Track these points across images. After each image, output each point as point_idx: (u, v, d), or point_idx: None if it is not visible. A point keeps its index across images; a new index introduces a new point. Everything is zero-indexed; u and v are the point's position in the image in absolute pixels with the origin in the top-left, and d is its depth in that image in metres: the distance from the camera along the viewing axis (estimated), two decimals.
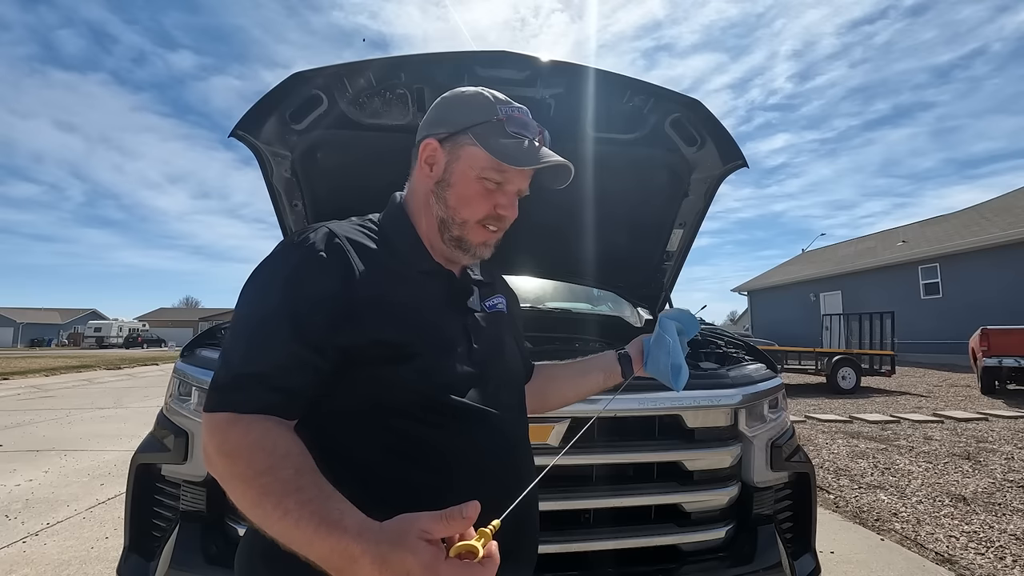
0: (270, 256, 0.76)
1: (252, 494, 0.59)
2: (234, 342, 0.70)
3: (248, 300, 0.73)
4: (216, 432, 0.64)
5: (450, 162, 0.82)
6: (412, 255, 0.82)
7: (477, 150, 0.80)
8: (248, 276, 0.75)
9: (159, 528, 1.63)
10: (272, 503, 0.57)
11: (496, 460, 0.77)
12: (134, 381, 13.70)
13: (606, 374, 1.10)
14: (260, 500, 0.58)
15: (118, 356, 28.23)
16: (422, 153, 0.84)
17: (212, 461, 0.64)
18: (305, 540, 0.55)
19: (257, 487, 0.59)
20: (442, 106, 0.86)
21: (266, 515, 0.57)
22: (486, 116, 0.81)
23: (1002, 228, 15.54)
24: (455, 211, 0.82)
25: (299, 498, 0.57)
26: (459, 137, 0.81)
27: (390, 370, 0.72)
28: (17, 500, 3.82)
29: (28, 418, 7.51)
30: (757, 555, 1.62)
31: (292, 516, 0.56)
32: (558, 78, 1.81)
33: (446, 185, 0.82)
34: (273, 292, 0.71)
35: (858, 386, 10.10)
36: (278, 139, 1.95)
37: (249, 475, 0.60)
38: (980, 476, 4.34)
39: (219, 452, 0.63)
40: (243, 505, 0.60)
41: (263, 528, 0.58)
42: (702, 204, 2.32)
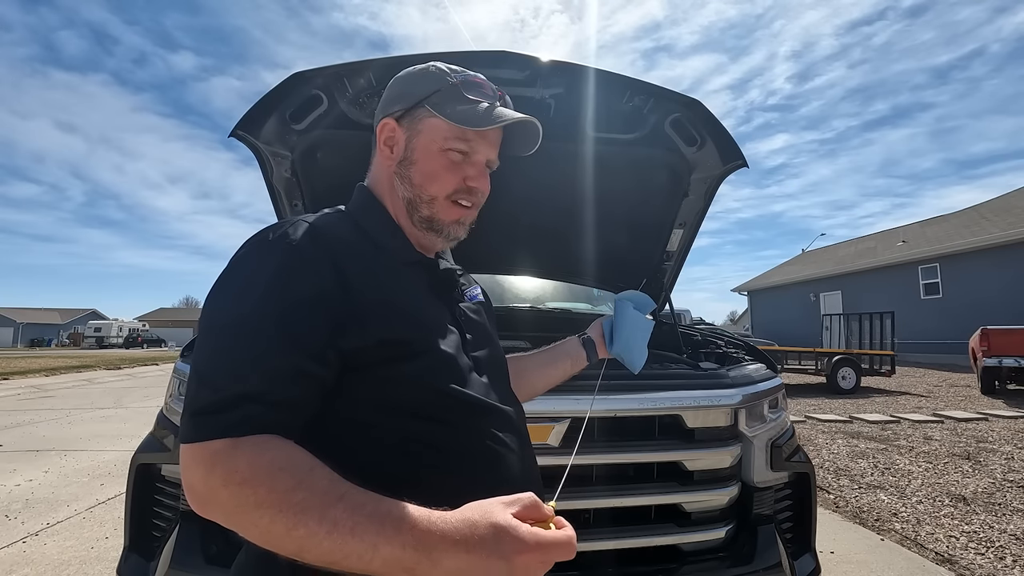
0: (243, 256, 0.67)
1: (286, 517, 0.51)
2: (215, 358, 0.60)
3: (224, 308, 0.63)
4: (216, 463, 0.54)
5: (410, 138, 0.77)
6: (397, 246, 0.78)
7: (437, 120, 0.76)
8: (218, 280, 0.66)
9: (159, 528, 1.63)
10: (315, 519, 0.50)
11: (509, 452, 0.75)
12: (134, 381, 13.69)
13: (572, 360, 1.10)
14: (298, 521, 0.50)
15: (118, 356, 28.22)
16: (380, 135, 0.80)
17: (216, 496, 0.54)
18: (367, 546, 0.50)
19: (291, 509, 0.51)
20: (395, 85, 0.82)
21: (309, 535, 0.50)
22: (439, 84, 0.77)
23: (1002, 228, 15.54)
24: (421, 188, 0.77)
25: (346, 505, 0.51)
26: (416, 111, 0.77)
27: (397, 369, 0.66)
28: (17, 500, 3.82)
29: (28, 418, 7.51)
30: (757, 555, 1.62)
31: (344, 525, 0.50)
32: (558, 78, 1.81)
33: (409, 163, 0.77)
34: (256, 297, 0.61)
35: (858, 386, 10.10)
36: (278, 139, 1.95)
37: (276, 499, 0.51)
38: (980, 476, 4.34)
39: (228, 483, 0.53)
40: (274, 534, 0.51)
41: (303, 554, 0.51)
42: (702, 204, 2.32)
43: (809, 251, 28.24)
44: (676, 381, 1.74)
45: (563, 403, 1.55)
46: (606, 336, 1.12)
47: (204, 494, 0.54)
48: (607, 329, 1.13)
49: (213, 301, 0.64)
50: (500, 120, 0.75)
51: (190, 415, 0.57)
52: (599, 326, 1.15)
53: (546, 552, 0.51)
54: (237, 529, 0.54)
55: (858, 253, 22.05)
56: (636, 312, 1.12)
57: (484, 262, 2.59)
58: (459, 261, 0.96)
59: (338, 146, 2.02)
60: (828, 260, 23.67)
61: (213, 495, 0.54)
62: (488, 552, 0.49)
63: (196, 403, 0.58)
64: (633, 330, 1.09)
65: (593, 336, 1.13)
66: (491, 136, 0.78)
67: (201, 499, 0.55)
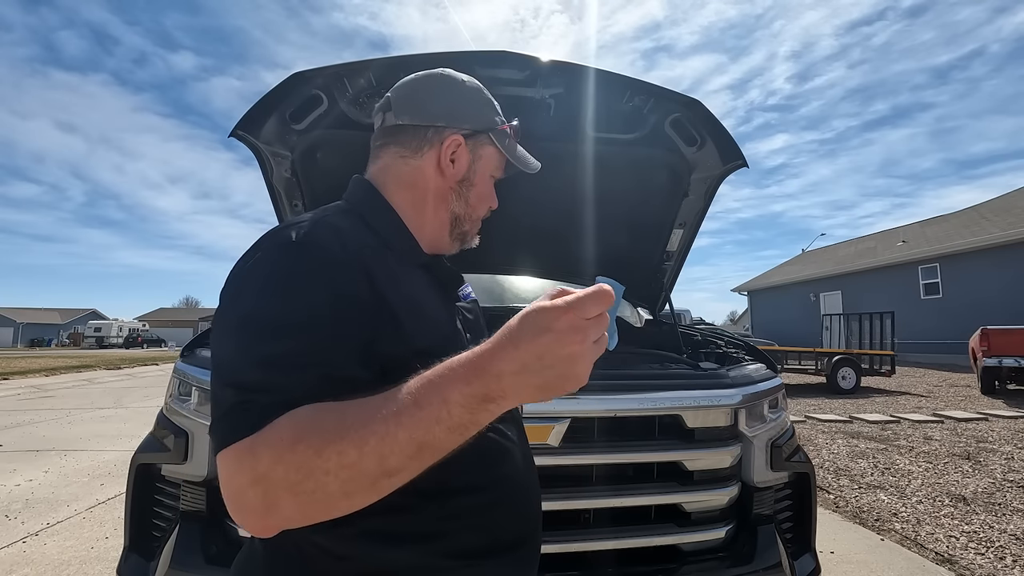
0: (262, 255, 0.63)
1: (351, 439, 0.48)
2: (243, 359, 0.56)
3: (246, 306, 0.60)
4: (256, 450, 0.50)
5: (473, 161, 0.82)
6: (407, 248, 0.77)
7: (495, 152, 0.83)
8: (236, 279, 0.63)
9: (159, 528, 1.63)
10: (379, 420, 0.49)
11: (511, 443, 0.77)
12: (134, 381, 13.69)
13: None
14: (365, 434, 0.48)
15: (118, 356, 28.23)
16: (446, 147, 0.78)
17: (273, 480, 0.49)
18: (437, 406, 0.49)
19: (350, 430, 0.49)
20: (453, 96, 0.82)
21: (382, 437, 0.48)
22: (496, 118, 0.84)
23: (1002, 228, 15.54)
24: (475, 209, 0.84)
25: (398, 393, 0.50)
26: (480, 137, 0.82)
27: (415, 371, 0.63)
28: (17, 500, 3.82)
29: (28, 418, 7.51)
30: (757, 555, 1.62)
31: (408, 405, 0.49)
32: (558, 78, 1.82)
33: (469, 185, 0.82)
34: (289, 296, 0.58)
35: (858, 386, 10.10)
36: (278, 139, 1.95)
37: (331, 434, 0.49)
38: (980, 476, 4.34)
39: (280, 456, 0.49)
40: (347, 464, 0.48)
41: (386, 461, 0.49)
42: (702, 204, 2.32)
43: (809, 251, 28.25)
44: (676, 381, 1.74)
45: (563, 404, 1.56)
46: None
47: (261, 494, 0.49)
48: None
49: (235, 303, 0.61)
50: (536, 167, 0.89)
51: (221, 419, 0.54)
52: None
53: (581, 307, 0.50)
54: (314, 504, 0.50)
55: (858, 253, 22.06)
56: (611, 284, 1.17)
57: (484, 262, 2.59)
58: (460, 261, 0.97)
59: (338, 146, 2.02)
60: (828, 260, 23.67)
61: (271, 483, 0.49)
62: (531, 335, 0.49)
63: (226, 406, 0.54)
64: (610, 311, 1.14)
65: None
66: None
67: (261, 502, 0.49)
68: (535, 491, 0.81)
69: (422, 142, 0.78)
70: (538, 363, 0.49)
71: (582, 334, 0.49)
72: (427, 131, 0.78)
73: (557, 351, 0.49)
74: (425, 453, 0.50)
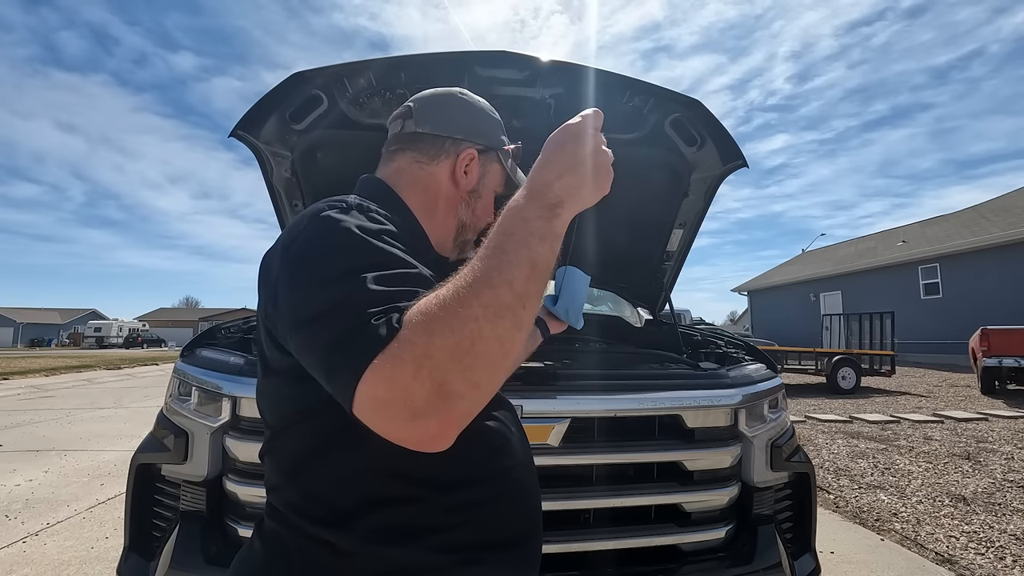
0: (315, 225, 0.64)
1: (479, 284, 0.51)
2: (353, 287, 0.54)
3: (328, 263, 0.58)
4: (401, 350, 0.47)
5: (483, 175, 0.88)
6: (421, 246, 0.82)
7: (501, 170, 0.90)
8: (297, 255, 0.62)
9: (159, 528, 1.63)
10: (491, 258, 0.54)
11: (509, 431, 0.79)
12: (134, 381, 13.69)
13: (532, 338, 1.17)
14: (487, 272, 0.52)
15: (118, 356, 28.23)
16: (462, 160, 0.85)
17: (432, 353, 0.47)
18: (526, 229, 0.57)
19: (474, 279, 0.51)
20: (472, 113, 0.90)
21: (500, 270, 0.52)
22: (504, 139, 0.92)
23: (1002, 228, 15.54)
24: (480, 219, 0.89)
25: (487, 242, 0.56)
26: (491, 154, 0.89)
27: None
28: (17, 500, 3.82)
29: (28, 418, 7.51)
30: (757, 555, 1.62)
31: (504, 239, 0.56)
32: (558, 78, 1.82)
33: (478, 196, 0.88)
34: (372, 244, 0.60)
35: (858, 386, 10.10)
36: (278, 139, 1.95)
37: (459, 290, 0.50)
38: (980, 476, 4.34)
39: (429, 343, 0.47)
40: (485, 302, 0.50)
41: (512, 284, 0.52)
42: (702, 204, 2.32)
43: (809, 251, 28.25)
44: (676, 381, 1.74)
45: (563, 404, 1.56)
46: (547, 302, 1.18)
47: (427, 378, 0.46)
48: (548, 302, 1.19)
49: (315, 265, 0.59)
50: None
51: (347, 341, 0.50)
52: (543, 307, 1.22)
53: (581, 118, 0.70)
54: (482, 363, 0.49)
55: (858, 253, 22.06)
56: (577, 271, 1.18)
57: None
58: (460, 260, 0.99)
59: (338, 146, 2.02)
60: (828, 260, 23.67)
61: (433, 360, 0.47)
62: (555, 148, 0.65)
63: (343, 330, 0.51)
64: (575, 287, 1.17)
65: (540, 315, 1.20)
66: None
67: (434, 397, 0.47)
68: (535, 489, 0.82)
69: (439, 151, 0.85)
70: (571, 163, 0.63)
71: (590, 131, 0.68)
72: (445, 142, 0.86)
73: (581, 149, 0.65)
74: (536, 270, 0.55)
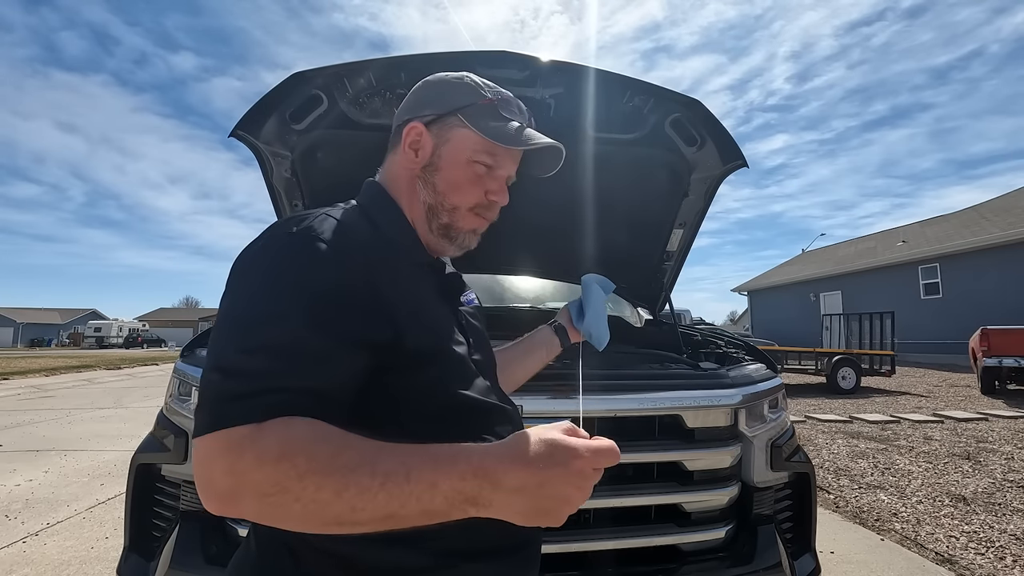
0: (265, 245, 0.65)
1: (334, 481, 0.49)
2: (238, 348, 0.56)
3: (248, 300, 0.60)
4: (244, 447, 0.50)
5: (438, 145, 0.77)
6: (409, 246, 0.78)
7: (468, 132, 0.76)
8: (237, 272, 0.63)
9: (159, 528, 1.63)
10: (366, 474, 0.49)
11: None
12: (134, 381, 13.69)
13: (547, 348, 1.14)
14: (348, 481, 0.49)
15: (118, 356, 28.22)
16: (406, 137, 0.78)
17: (248, 482, 0.49)
18: (425, 487, 0.49)
19: (337, 470, 0.49)
20: (426, 89, 0.82)
21: (362, 491, 0.48)
22: (475, 97, 0.78)
23: (1002, 228, 15.54)
24: (444, 196, 0.77)
25: (395, 454, 0.50)
26: (448, 119, 0.77)
27: (415, 373, 0.66)
28: (17, 500, 3.82)
29: (28, 418, 7.51)
30: (757, 555, 1.62)
31: (398, 473, 0.49)
32: (558, 78, 1.81)
33: (434, 170, 0.77)
34: (284, 288, 0.59)
35: (858, 386, 10.09)
36: (278, 139, 1.94)
37: (319, 465, 0.49)
38: (980, 476, 4.34)
39: (262, 463, 0.49)
40: (321, 502, 0.49)
41: (356, 514, 0.49)
42: (702, 204, 2.31)
43: (809, 251, 28.25)
44: (676, 381, 1.74)
45: (563, 404, 1.56)
46: (573, 316, 1.17)
47: (231, 485, 0.50)
48: (575, 310, 1.17)
49: (237, 288, 0.62)
50: (533, 142, 0.77)
51: (210, 404, 0.53)
52: (567, 312, 1.19)
53: (596, 456, 0.52)
54: (271, 515, 0.50)
55: (858, 253, 22.05)
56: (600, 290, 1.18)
57: (484, 262, 2.59)
58: (461, 261, 0.97)
59: (338, 146, 2.02)
60: (828, 260, 23.66)
61: (243, 482, 0.50)
62: (545, 463, 0.51)
63: (216, 392, 0.54)
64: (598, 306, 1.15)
65: (562, 322, 1.18)
66: (515, 154, 0.80)
67: (226, 492, 0.50)
68: None
69: (396, 138, 0.81)
70: (538, 490, 0.51)
71: (587, 482, 0.52)
72: (401, 127, 0.80)
73: (560, 488, 0.51)
74: (391, 522, 0.50)
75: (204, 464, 0.52)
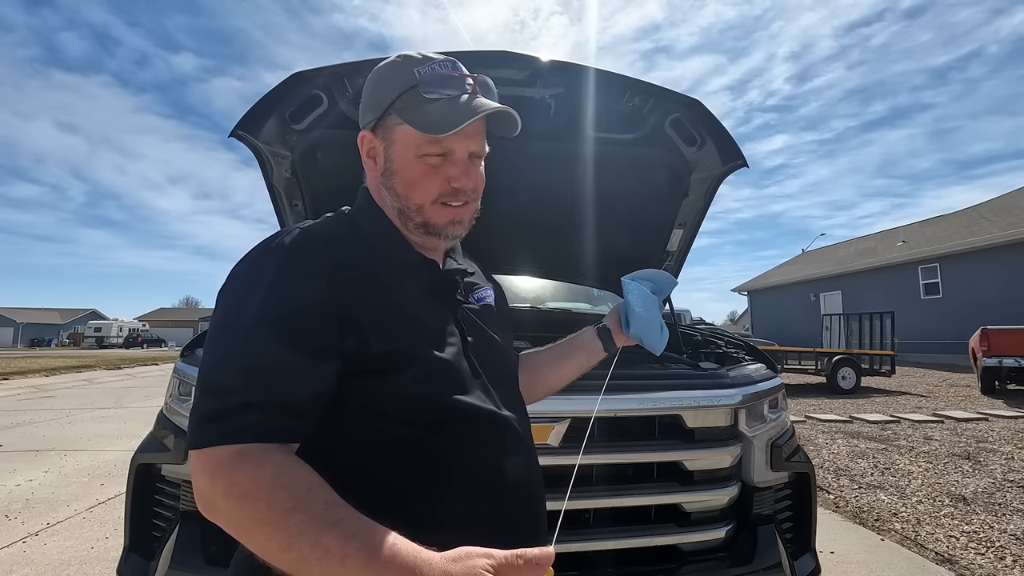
0: (244, 264, 0.68)
1: (281, 537, 0.52)
2: (217, 364, 0.61)
3: (227, 315, 0.64)
4: (220, 473, 0.56)
5: (387, 148, 0.76)
6: (394, 249, 0.78)
7: (405, 128, 0.73)
8: (222, 288, 0.67)
9: (159, 528, 1.63)
10: (308, 543, 0.51)
11: (507, 459, 0.74)
12: (134, 381, 13.69)
13: (588, 352, 1.06)
14: (292, 543, 0.52)
15: (118, 356, 28.22)
16: (362, 148, 0.79)
17: (217, 507, 0.56)
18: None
19: (286, 529, 0.52)
20: (366, 88, 0.80)
21: (302, 558, 0.52)
22: (402, 86, 0.73)
23: (1002, 228, 15.53)
24: (407, 198, 0.76)
25: (339, 533, 0.52)
26: (387, 120, 0.75)
27: (392, 377, 0.66)
28: (17, 500, 3.82)
29: (28, 418, 7.51)
30: (757, 555, 1.62)
31: (335, 555, 0.51)
32: (558, 78, 1.81)
33: (391, 174, 0.76)
34: (255, 303, 0.62)
35: (858, 386, 10.10)
36: (278, 139, 1.94)
37: (274, 518, 0.53)
38: (980, 476, 4.34)
39: (229, 496, 0.55)
40: (269, 550, 0.53)
41: (295, 572, 0.53)
42: (702, 204, 2.31)
43: (809, 251, 28.24)
44: (676, 381, 1.74)
45: (564, 403, 1.55)
46: (622, 320, 1.06)
47: (209, 500, 0.57)
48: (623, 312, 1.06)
49: (218, 308, 0.66)
50: (464, 120, 0.71)
51: (195, 421, 0.59)
52: (615, 314, 1.08)
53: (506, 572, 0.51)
54: (237, 537, 0.57)
55: (858, 253, 22.05)
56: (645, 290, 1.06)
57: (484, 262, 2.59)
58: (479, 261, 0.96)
59: (338, 146, 2.02)
60: (828, 260, 23.66)
61: (215, 503, 0.57)
62: None
63: (200, 409, 0.60)
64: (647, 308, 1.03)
65: (610, 325, 1.07)
66: (468, 130, 0.72)
67: (206, 504, 0.58)
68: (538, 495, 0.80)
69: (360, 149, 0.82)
70: None
71: None
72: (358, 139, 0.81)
73: None
74: None
75: (192, 473, 0.59)
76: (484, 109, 0.73)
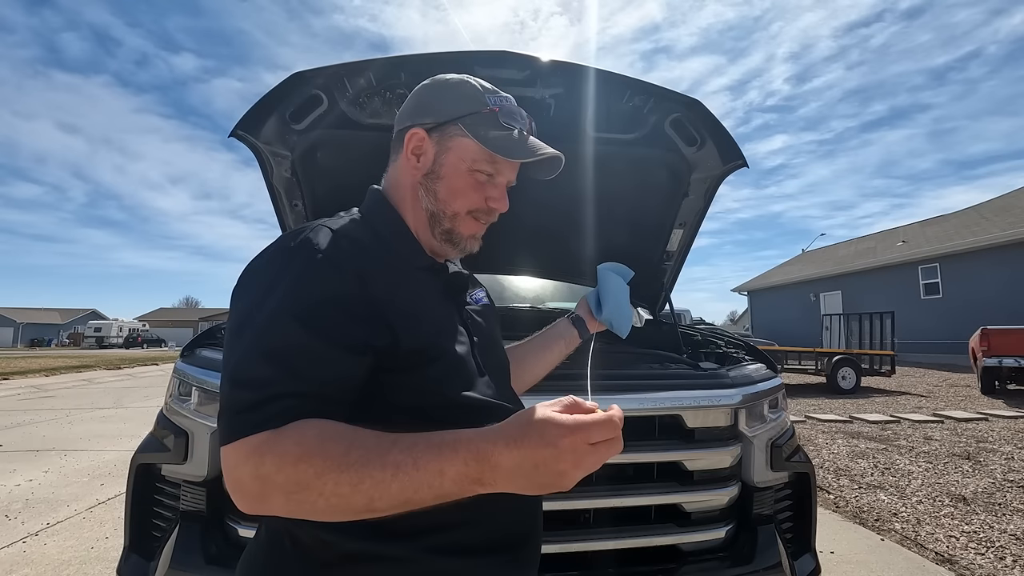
0: (266, 262, 0.69)
1: (350, 476, 0.53)
2: (246, 358, 0.61)
3: (251, 311, 0.64)
4: (266, 454, 0.55)
5: (439, 153, 0.79)
6: (409, 251, 0.80)
7: (469, 141, 0.77)
8: (240, 286, 0.68)
9: (159, 528, 1.62)
10: (378, 467, 0.53)
11: None
12: (134, 381, 13.69)
13: (566, 340, 1.16)
14: (363, 475, 0.53)
15: (118, 356, 28.21)
16: (408, 143, 0.80)
17: (272, 484, 0.54)
18: (434, 474, 0.53)
19: (349, 467, 0.53)
20: (426, 93, 0.82)
21: (376, 484, 0.53)
22: (476, 106, 0.78)
23: (1002, 228, 15.53)
24: (446, 204, 0.79)
25: (402, 447, 0.54)
26: (448, 127, 0.78)
27: (414, 374, 0.68)
28: (17, 500, 3.82)
29: (28, 418, 7.51)
30: (757, 555, 1.62)
31: (407, 464, 0.53)
32: (558, 78, 1.81)
33: (435, 177, 0.79)
34: (282, 299, 0.63)
35: (858, 386, 10.09)
36: (278, 139, 1.94)
37: (333, 464, 0.53)
38: (980, 476, 4.34)
39: (282, 466, 0.54)
40: (341, 495, 0.53)
41: (374, 504, 0.54)
42: (702, 204, 2.31)
43: (809, 251, 28.24)
44: (676, 381, 1.74)
45: None
46: (592, 307, 1.17)
47: (259, 488, 0.55)
48: (592, 301, 1.17)
49: (238, 306, 0.66)
50: (535, 154, 0.78)
51: (229, 415, 0.59)
52: (584, 303, 1.20)
53: (587, 432, 0.53)
54: (299, 510, 0.55)
55: (858, 253, 22.05)
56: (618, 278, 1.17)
57: (484, 262, 2.59)
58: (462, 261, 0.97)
59: (338, 146, 2.02)
60: (828, 260, 23.66)
61: (269, 484, 0.55)
62: (535, 442, 0.53)
63: (233, 403, 0.59)
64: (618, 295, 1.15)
65: (581, 313, 1.19)
66: (515, 162, 0.80)
67: (256, 494, 0.56)
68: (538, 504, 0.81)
69: (399, 144, 0.82)
70: (532, 469, 0.53)
71: (579, 457, 0.53)
72: (402, 133, 0.82)
73: (552, 465, 0.53)
74: (409, 506, 0.55)
75: (232, 470, 0.57)
76: (545, 152, 0.80)
